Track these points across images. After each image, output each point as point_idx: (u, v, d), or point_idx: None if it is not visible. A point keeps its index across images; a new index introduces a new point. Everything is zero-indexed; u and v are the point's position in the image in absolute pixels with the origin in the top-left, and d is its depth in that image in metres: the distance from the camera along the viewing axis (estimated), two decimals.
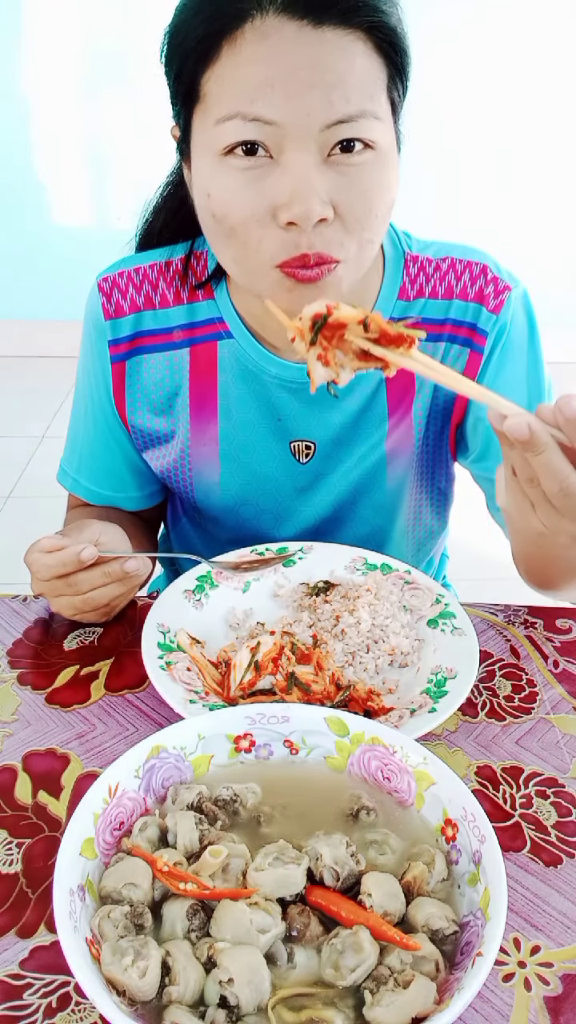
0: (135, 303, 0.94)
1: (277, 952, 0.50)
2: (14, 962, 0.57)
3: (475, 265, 0.93)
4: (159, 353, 0.95)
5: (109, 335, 0.95)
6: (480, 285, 0.93)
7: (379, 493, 1.00)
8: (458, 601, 0.88)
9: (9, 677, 0.82)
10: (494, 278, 0.93)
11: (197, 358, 0.95)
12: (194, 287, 0.94)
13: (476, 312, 0.92)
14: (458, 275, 0.93)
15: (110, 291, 0.94)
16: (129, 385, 0.97)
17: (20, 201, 3.53)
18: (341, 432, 0.96)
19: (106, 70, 3.30)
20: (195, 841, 0.55)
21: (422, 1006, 0.47)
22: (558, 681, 0.83)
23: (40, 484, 2.77)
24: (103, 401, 0.98)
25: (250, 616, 0.88)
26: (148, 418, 0.98)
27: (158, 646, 0.80)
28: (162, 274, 0.94)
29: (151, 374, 0.96)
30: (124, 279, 0.95)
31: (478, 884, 0.52)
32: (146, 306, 0.94)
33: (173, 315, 0.94)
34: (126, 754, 0.59)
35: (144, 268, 0.95)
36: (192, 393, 0.96)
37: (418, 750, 0.60)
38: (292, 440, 0.96)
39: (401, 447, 0.98)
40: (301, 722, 0.63)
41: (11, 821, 0.67)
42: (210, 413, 0.96)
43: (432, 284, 0.93)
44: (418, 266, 0.94)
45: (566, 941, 0.59)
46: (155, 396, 0.97)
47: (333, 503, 1.00)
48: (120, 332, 0.95)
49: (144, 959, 0.48)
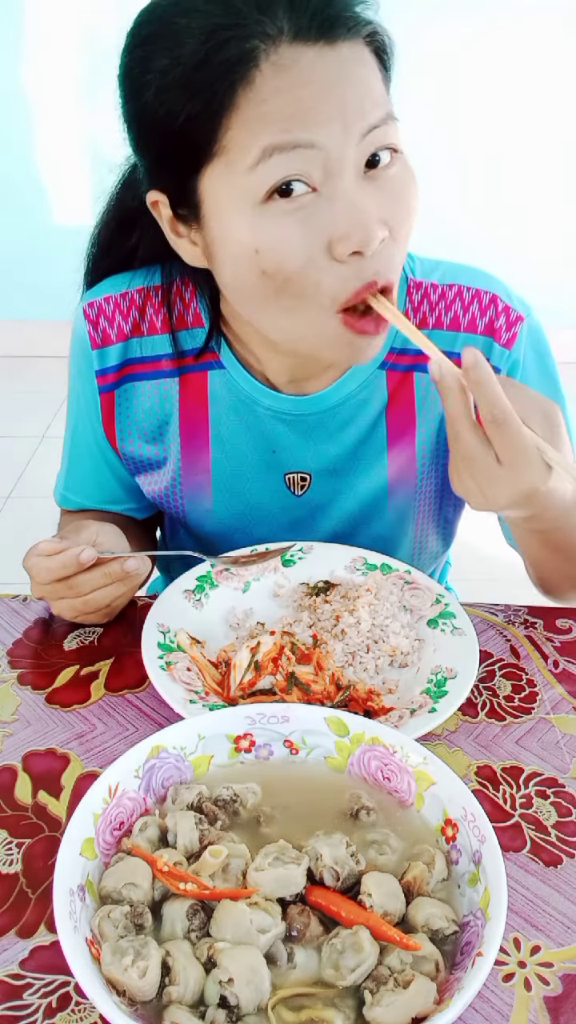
0: (122, 330, 0.91)
1: (277, 952, 0.50)
2: (14, 962, 0.57)
3: (484, 294, 0.90)
4: (148, 381, 0.92)
5: (96, 365, 0.92)
6: (491, 316, 0.90)
7: (380, 525, 0.98)
8: (458, 601, 0.88)
9: (9, 677, 0.82)
10: (505, 308, 0.90)
11: (187, 387, 0.92)
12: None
13: (487, 347, 0.90)
14: (465, 305, 0.90)
15: (96, 318, 0.91)
16: (119, 414, 0.94)
17: (20, 201, 3.53)
18: (338, 464, 0.93)
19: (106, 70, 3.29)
20: (195, 841, 0.55)
21: (422, 1006, 0.47)
22: (558, 681, 0.83)
23: (40, 484, 2.76)
24: (93, 428, 0.96)
25: (250, 616, 0.88)
26: (139, 446, 0.96)
27: (158, 646, 0.80)
28: (149, 298, 0.91)
29: (141, 402, 0.93)
30: (111, 305, 0.91)
31: (478, 884, 0.52)
32: (133, 333, 0.91)
33: (160, 343, 0.91)
34: (126, 754, 0.59)
35: (131, 293, 0.91)
36: (182, 422, 0.93)
37: (418, 750, 0.60)
38: (287, 472, 0.94)
39: (403, 479, 0.95)
40: (301, 722, 0.63)
41: (11, 821, 0.67)
42: (201, 442, 0.93)
43: (437, 314, 0.90)
44: (422, 293, 0.90)
45: (566, 941, 0.59)
46: (145, 425, 0.94)
47: (330, 535, 0.98)
48: (108, 361, 0.92)
49: (144, 959, 0.48)
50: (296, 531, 0.97)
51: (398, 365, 0.91)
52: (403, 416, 0.93)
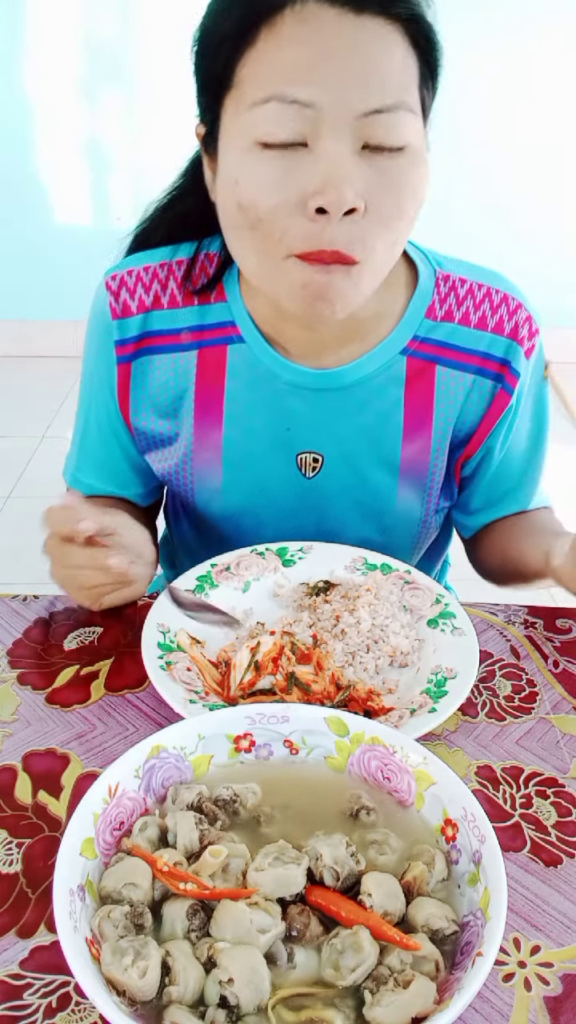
0: (143, 303, 0.92)
1: (277, 952, 0.50)
2: (14, 962, 0.57)
3: (511, 299, 0.92)
4: (166, 354, 0.93)
5: (116, 335, 0.93)
6: (516, 322, 0.91)
7: (387, 516, 0.98)
8: (458, 601, 0.88)
9: (9, 677, 0.82)
10: (528, 318, 0.92)
11: (205, 361, 0.92)
12: (192, 292, 0.92)
13: (512, 351, 0.91)
14: (494, 306, 0.91)
15: (118, 290, 0.92)
16: (134, 386, 0.95)
17: (20, 201, 3.53)
18: (351, 446, 0.93)
19: (106, 70, 3.30)
20: (195, 841, 0.55)
21: (422, 1006, 0.47)
22: (558, 681, 0.83)
23: (40, 484, 2.77)
24: (107, 402, 0.97)
25: (250, 616, 0.88)
26: (152, 420, 0.96)
27: (158, 646, 0.80)
28: (172, 273, 0.92)
29: (157, 376, 0.94)
30: (133, 277, 0.92)
31: (478, 884, 0.52)
32: (154, 306, 0.92)
33: (182, 316, 0.92)
34: (126, 754, 0.59)
35: (154, 267, 0.92)
36: (197, 397, 0.93)
37: (418, 750, 0.60)
38: (299, 452, 0.94)
39: (415, 470, 0.95)
40: (301, 722, 0.63)
41: (11, 821, 0.67)
42: (215, 418, 0.94)
43: (464, 310, 0.91)
44: (449, 286, 0.91)
45: (566, 941, 0.59)
46: (160, 398, 0.95)
47: (337, 521, 0.97)
48: (127, 332, 0.93)
49: (144, 959, 0.47)
50: (303, 516, 0.97)
51: (419, 353, 0.92)
52: (421, 406, 0.93)
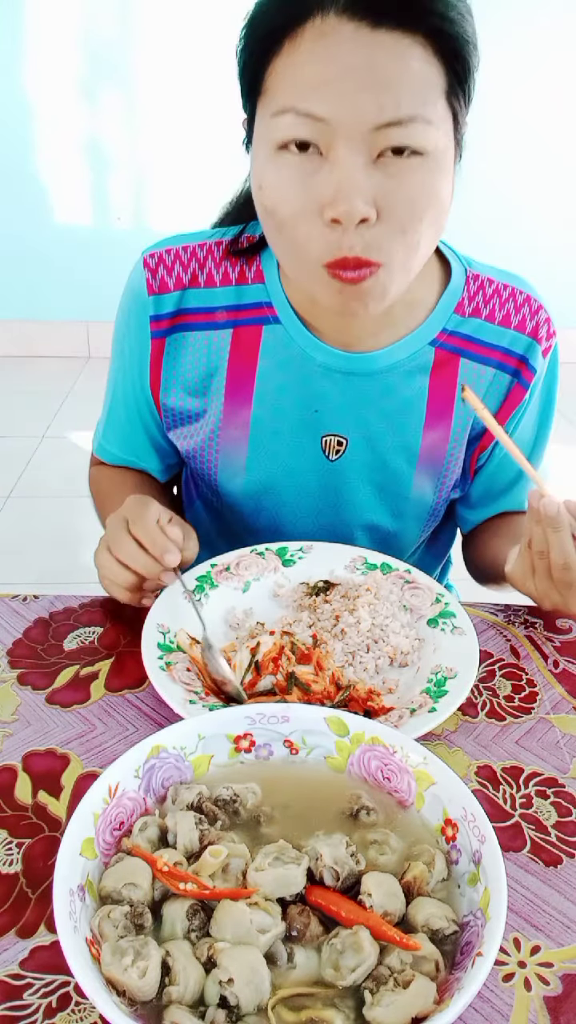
0: (180, 280, 0.94)
1: (277, 952, 0.50)
2: (14, 962, 0.57)
3: (533, 301, 0.95)
4: (201, 332, 0.95)
5: (151, 310, 0.95)
6: (537, 322, 0.95)
7: (402, 501, 1.00)
8: (458, 601, 0.88)
9: (9, 677, 0.82)
10: (548, 319, 0.96)
11: (239, 340, 0.94)
12: (236, 253, 0.94)
13: (531, 348, 0.95)
14: (517, 305, 0.95)
15: (156, 267, 0.94)
16: (167, 362, 0.97)
17: (20, 201, 3.53)
18: (375, 432, 0.96)
19: (106, 70, 3.30)
20: (195, 841, 0.55)
21: (422, 1006, 0.47)
22: (558, 681, 0.83)
23: (40, 484, 2.77)
24: (136, 378, 0.99)
25: (250, 616, 0.88)
26: (181, 397, 0.98)
27: (158, 646, 0.80)
28: (210, 253, 0.94)
29: (190, 353, 0.96)
30: (171, 256, 0.94)
31: (478, 884, 0.52)
32: (191, 284, 0.94)
33: (219, 295, 0.94)
34: (126, 754, 0.59)
35: (193, 246, 0.95)
36: (229, 375, 0.95)
37: (418, 750, 0.60)
38: (324, 434, 0.96)
39: (432, 458, 0.98)
40: (301, 722, 0.63)
41: (11, 821, 0.67)
42: (245, 397, 0.96)
43: (491, 307, 0.94)
44: (478, 284, 0.95)
45: (566, 941, 0.59)
46: (192, 375, 0.97)
47: (353, 504, 1.00)
48: (163, 308, 0.95)
49: (144, 959, 0.48)
50: (322, 498, 0.99)
51: (447, 345, 0.94)
52: (444, 397, 0.95)
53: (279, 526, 1.02)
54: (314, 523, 1.01)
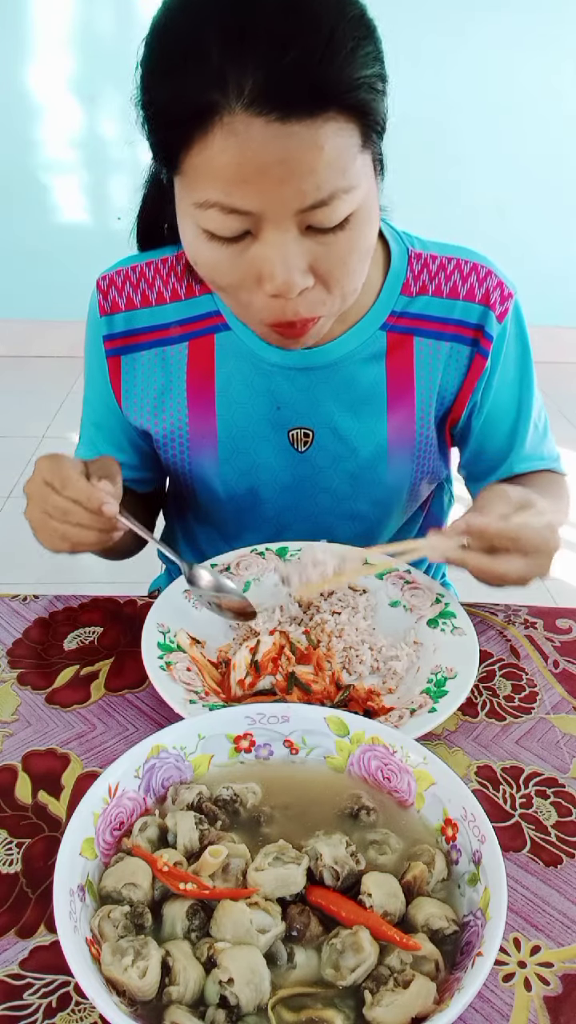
0: (131, 300, 0.96)
1: (277, 952, 0.50)
2: (14, 962, 0.57)
3: (480, 268, 0.95)
4: (154, 349, 0.96)
5: (104, 330, 0.97)
6: (487, 288, 0.94)
7: (379, 488, 1.00)
8: (458, 601, 0.88)
9: (9, 677, 0.82)
10: (499, 283, 0.95)
11: (195, 351, 0.96)
12: (183, 270, 0.95)
13: (484, 315, 0.94)
14: (464, 276, 0.95)
15: (107, 289, 0.96)
16: (125, 380, 0.98)
17: (20, 201, 3.53)
18: (339, 421, 0.96)
19: (106, 70, 3.30)
20: (195, 841, 0.55)
21: (422, 1006, 0.47)
22: (558, 681, 0.83)
23: None
24: (105, 395, 1.00)
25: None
26: (145, 412, 0.99)
27: (158, 646, 0.80)
28: (158, 272, 0.96)
29: (146, 370, 0.97)
30: (121, 277, 0.96)
31: (478, 884, 0.52)
32: (142, 303, 0.96)
33: (170, 311, 0.95)
34: (126, 754, 0.59)
35: (141, 266, 0.96)
36: (190, 387, 0.97)
37: (418, 750, 0.60)
38: (291, 428, 0.97)
39: (401, 441, 0.98)
40: (301, 722, 0.63)
41: (11, 821, 0.67)
42: (208, 405, 0.97)
43: (437, 282, 0.95)
44: (421, 263, 0.95)
45: (566, 941, 0.59)
46: (151, 391, 0.98)
47: (331, 495, 1.00)
48: (114, 328, 0.96)
49: (144, 959, 0.48)
50: (299, 489, 1.00)
51: (397, 327, 0.95)
52: (402, 377, 0.96)
53: (262, 523, 1.02)
54: (295, 516, 1.02)
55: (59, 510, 0.81)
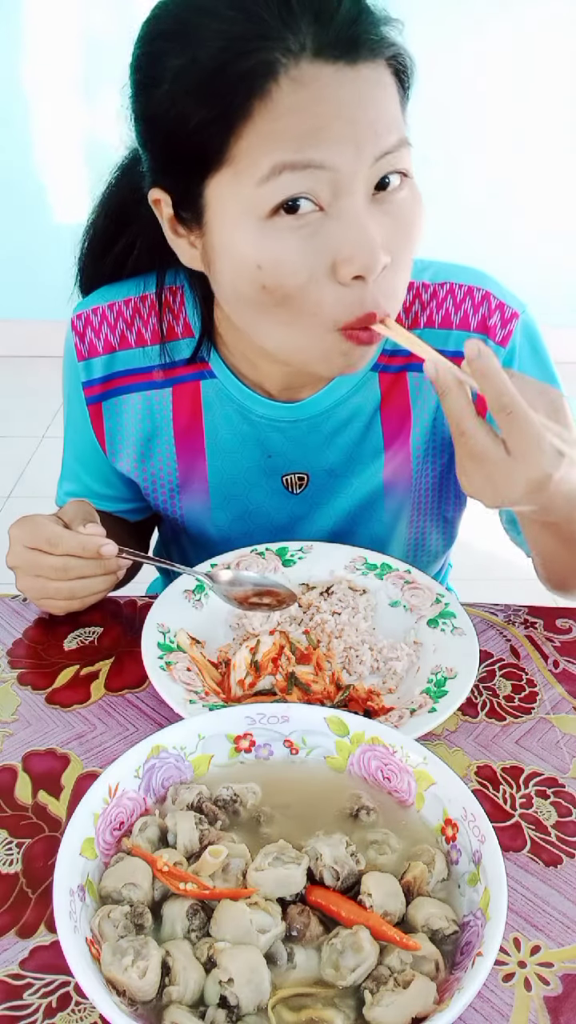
0: (109, 342, 0.91)
1: (277, 952, 0.50)
2: (14, 962, 0.57)
3: (476, 291, 0.90)
4: (137, 393, 0.92)
5: (83, 376, 0.92)
6: (483, 313, 0.89)
7: (376, 525, 0.98)
8: (458, 601, 0.88)
9: (9, 677, 0.82)
10: (499, 305, 0.89)
11: (180, 397, 0.92)
12: (161, 308, 0.90)
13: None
14: (457, 303, 0.90)
15: (83, 330, 0.91)
16: (108, 426, 0.94)
17: (20, 201, 3.53)
18: (335, 465, 0.94)
19: (106, 70, 3.30)
20: (195, 841, 0.55)
21: (422, 1006, 0.47)
22: (558, 681, 0.83)
23: (40, 484, 2.76)
24: (88, 439, 0.97)
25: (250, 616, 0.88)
26: (132, 458, 0.96)
27: (158, 646, 0.80)
28: (137, 311, 0.91)
29: (130, 414, 0.93)
30: (98, 316, 0.91)
31: (478, 884, 0.52)
32: (121, 345, 0.91)
33: (151, 354, 0.91)
34: (126, 754, 0.59)
35: (119, 304, 0.91)
36: (177, 431, 0.93)
37: (418, 750, 0.60)
38: (284, 474, 0.94)
39: (398, 480, 0.96)
40: (301, 722, 0.63)
41: (11, 821, 0.67)
42: (197, 451, 0.94)
43: (429, 312, 0.90)
44: (413, 293, 0.90)
45: (566, 941, 0.59)
46: (136, 436, 0.94)
47: (327, 533, 0.98)
48: (93, 373, 0.92)
49: (144, 959, 0.48)
50: (294, 529, 0.98)
51: (390, 367, 0.92)
52: (398, 416, 0.93)
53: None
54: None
55: (57, 570, 0.80)
